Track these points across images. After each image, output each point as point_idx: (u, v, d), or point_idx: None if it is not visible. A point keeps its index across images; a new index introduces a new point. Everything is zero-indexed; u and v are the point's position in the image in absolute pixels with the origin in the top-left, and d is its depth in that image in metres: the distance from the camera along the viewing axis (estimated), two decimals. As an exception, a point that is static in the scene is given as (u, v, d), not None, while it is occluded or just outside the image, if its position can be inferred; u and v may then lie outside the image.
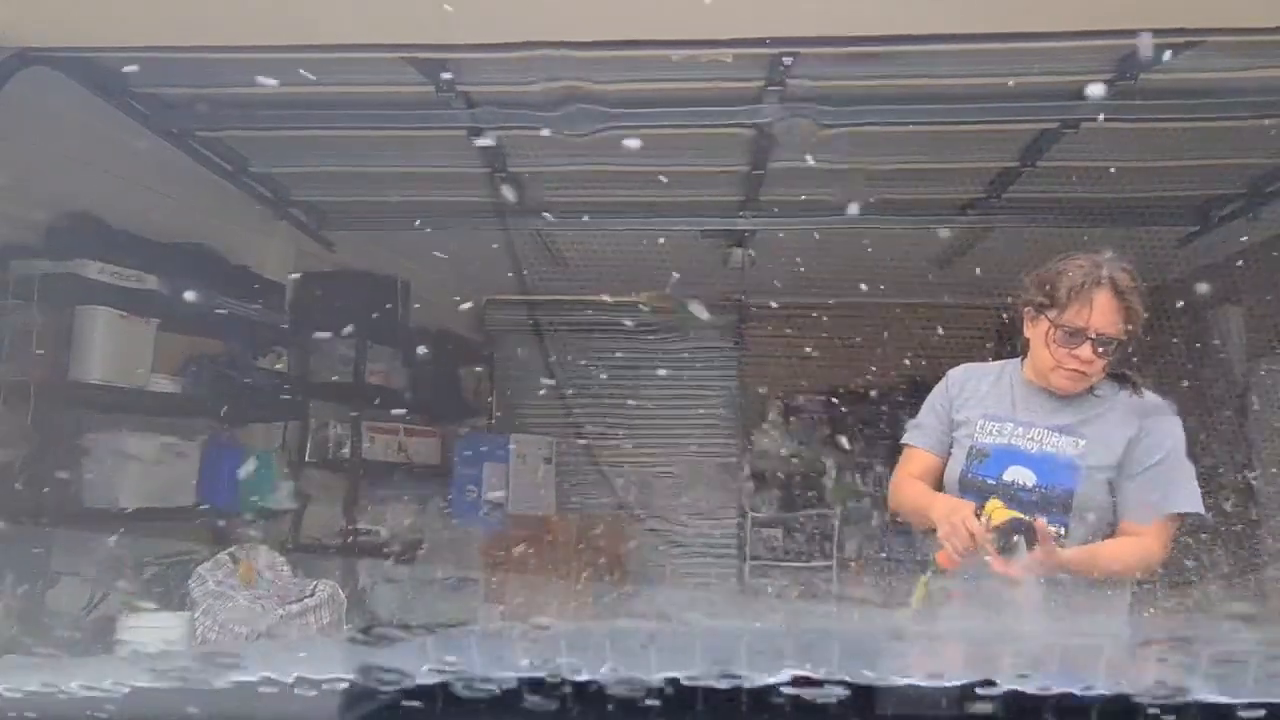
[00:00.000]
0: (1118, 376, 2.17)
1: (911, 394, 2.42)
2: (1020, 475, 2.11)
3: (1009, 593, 1.97)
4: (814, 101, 3.58)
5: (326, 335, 5.21)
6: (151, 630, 3.51)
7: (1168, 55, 2.93)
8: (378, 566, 5.43)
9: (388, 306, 5.54)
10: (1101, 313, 2.04)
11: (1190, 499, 2.10)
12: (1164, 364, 4.72)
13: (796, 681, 0.81)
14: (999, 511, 1.99)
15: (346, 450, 5.24)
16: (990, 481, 2.12)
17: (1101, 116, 3.55)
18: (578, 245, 5.54)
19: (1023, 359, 2.24)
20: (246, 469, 4.48)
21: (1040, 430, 2.13)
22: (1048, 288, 2.10)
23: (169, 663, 1.01)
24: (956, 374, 2.33)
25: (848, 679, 0.82)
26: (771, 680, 0.81)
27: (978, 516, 2.00)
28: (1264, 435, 4.89)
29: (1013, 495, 2.09)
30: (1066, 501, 2.08)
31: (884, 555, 6.92)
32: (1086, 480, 2.08)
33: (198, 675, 0.92)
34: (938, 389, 2.33)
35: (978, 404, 2.23)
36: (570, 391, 6.98)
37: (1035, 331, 2.15)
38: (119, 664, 1.97)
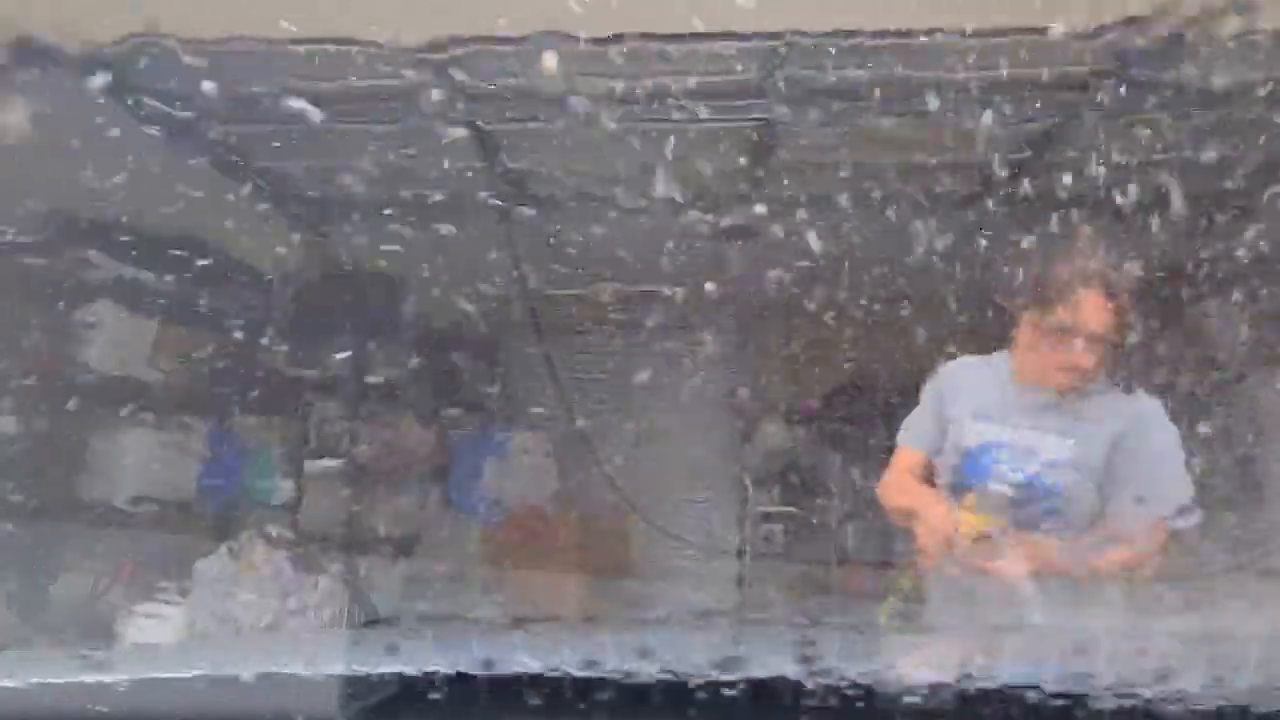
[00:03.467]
0: (1110, 373, 2.16)
1: (912, 389, 2.42)
2: (1008, 475, 2.10)
3: (988, 600, 1.96)
4: (815, 96, 3.57)
5: (326, 330, 5.21)
6: (152, 624, 3.52)
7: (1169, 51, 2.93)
8: (378, 561, 5.45)
9: (387, 301, 5.55)
10: (1092, 312, 2.02)
11: (1181, 500, 2.09)
12: (1162, 359, 4.71)
13: (796, 678, 0.82)
14: (970, 520, 1.97)
15: (346, 444, 5.24)
16: (978, 481, 2.11)
17: (1102, 112, 3.55)
18: (577, 240, 5.53)
19: (1015, 356, 2.23)
20: (246, 463, 4.49)
21: (1029, 430, 2.12)
22: (1038, 285, 2.09)
23: (169, 656, 1.01)
24: (948, 369, 2.32)
25: (846, 675, 0.82)
26: (771, 676, 0.82)
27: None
28: (1263, 430, 4.88)
29: (1000, 495, 2.08)
30: (1054, 503, 2.07)
31: (884, 552, 6.93)
32: (1074, 481, 2.07)
33: (198, 669, 0.92)
34: (929, 385, 2.32)
35: (968, 401, 2.22)
36: (571, 387, 6.97)
37: (1026, 328, 2.14)
38: (120, 657, 1.98)
